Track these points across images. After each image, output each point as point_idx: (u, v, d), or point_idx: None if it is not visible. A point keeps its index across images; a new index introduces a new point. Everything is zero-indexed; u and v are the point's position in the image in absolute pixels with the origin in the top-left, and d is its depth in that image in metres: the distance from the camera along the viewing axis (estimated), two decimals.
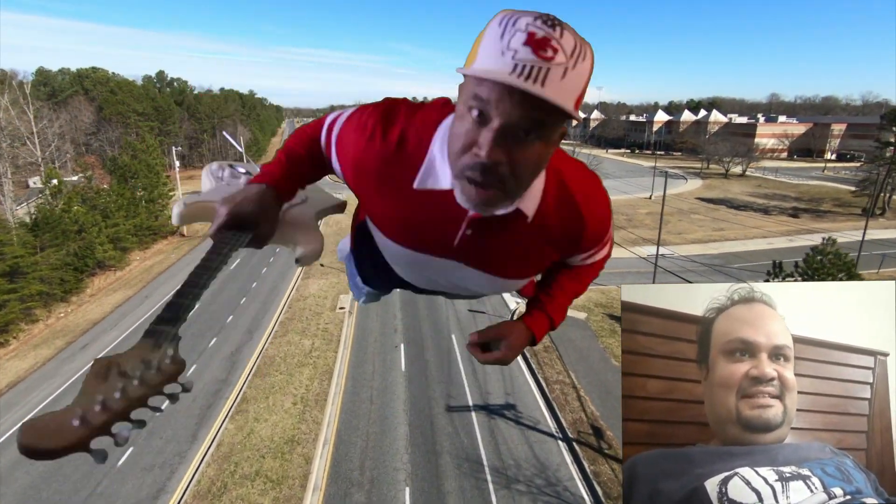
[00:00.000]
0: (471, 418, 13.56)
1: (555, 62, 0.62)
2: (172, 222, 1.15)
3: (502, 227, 0.84)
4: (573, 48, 0.63)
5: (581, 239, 0.91)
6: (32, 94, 46.97)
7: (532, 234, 0.86)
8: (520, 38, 0.62)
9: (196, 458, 12.20)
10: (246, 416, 13.86)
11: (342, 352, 17.52)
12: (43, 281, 22.55)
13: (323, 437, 12.92)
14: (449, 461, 11.97)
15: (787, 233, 34.14)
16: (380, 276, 1.22)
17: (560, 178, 0.84)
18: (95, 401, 0.47)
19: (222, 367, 16.55)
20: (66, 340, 19.55)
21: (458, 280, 0.99)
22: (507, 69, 0.62)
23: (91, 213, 27.72)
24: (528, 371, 15.84)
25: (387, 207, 0.90)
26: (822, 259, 15.61)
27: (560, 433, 12.81)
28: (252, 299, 22.29)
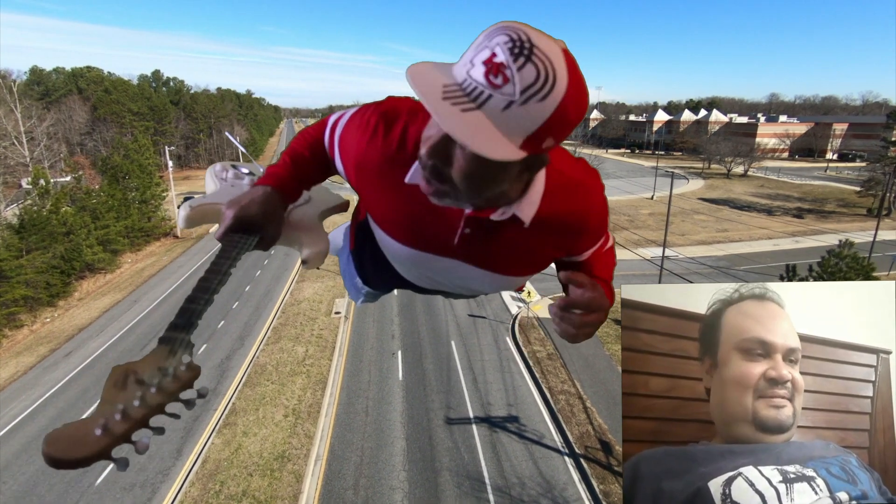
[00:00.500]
0: (471, 431, 12.85)
1: (500, 91, 0.58)
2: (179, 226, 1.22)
3: (500, 228, 0.84)
4: (530, 84, 0.58)
5: (583, 234, 0.91)
6: (26, 94, 46.29)
7: (532, 234, 0.85)
8: (483, 55, 0.60)
9: (180, 476, 11.46)
10: (234, 429, 13.12)
11: (337, 359, 16.80)
12: (28, 285, 21.79)
13: (315, 453, 12.20)
14: (449, 479, 11.26)
15: (792, 234, 33.53)
16: (381, 275, 1.21)
17: (561, 180, 0.83)
18: (116, 409, 0.49)
19: (212, 376, 15.80)
20: (49, 347, 18.79)
21: (460, 278, 0.99)
22: (439, 94, 0.60)
23: (80, 214, 26.95)
24: (531, 380, 15.13)
25: (388, 206, 0.90)
26: (838, 262, 14.95)
27: (566, 448, 12.10)
28: (245, 304, 21.55)
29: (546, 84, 0.58)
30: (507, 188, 0.72)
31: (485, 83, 0.59)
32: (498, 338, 17.92)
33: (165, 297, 23.23)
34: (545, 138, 0.62)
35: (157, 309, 21.77)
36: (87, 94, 60.62)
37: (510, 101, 0.58)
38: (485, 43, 0.60)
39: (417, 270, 1.05)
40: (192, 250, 31.23)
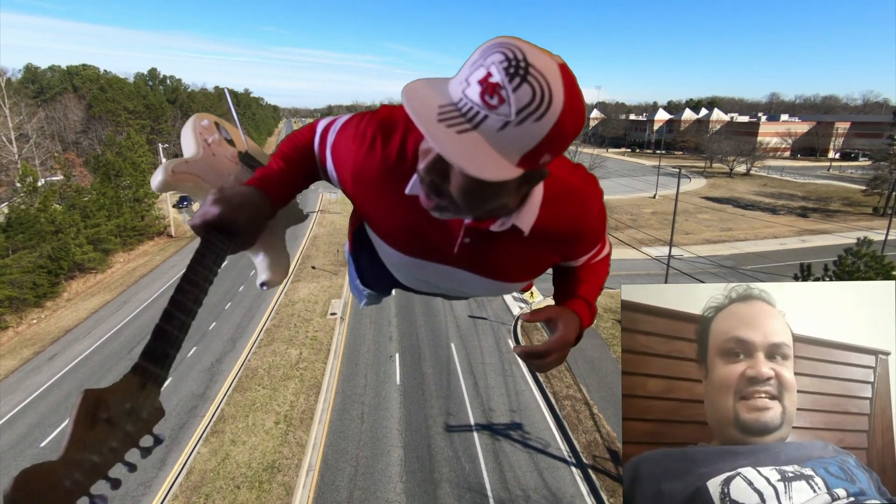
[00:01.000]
0: (472, 440, 12.18)
1: (496, 111, 0.58)
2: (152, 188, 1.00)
3: (500, 237, 0.84)
4: (526, 104, 0.57)
5: (581, 239, 0.92)
6: (20, 92, 45.51)
7: (531, 242, 0.86)
8: (479, 74, 0.59)
9: (163, 488, 10.78)
10: (222, 438, 12.43)
11: (332, 363, 16.11)
12: (13, 285, 21.08)
13: (307, 463, 11.52)
14: (449, 491, 10.59)
15: (798, 233, 32.94)
16: (379, 277, 1.20)
17: (559, 188, 0.83)
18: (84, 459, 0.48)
19: (200, 380, 15.13)
20: (34, 350, 18.10)
21: (459, 284, 0.99)
22: (435, 116, 0.59)
23: (69, 212, 26.23)
24: (534, 384, 14.46)
25: (388, 216, 0.90)
26: (855, 261, 14.29)
27: (573, 458, 11.43)
28: (237, 304, 20.85)
29: (542, 104, 0.58)
30: (506, 201, 0.72)
31: (480, 103, 0.58)
32: (499, 340, 17.25)
33: (156, 297, 22.53)
34: (542, 155, 0.62)
35: (147, 310, 21.08)
36: (82, 93, 59.92)
37: (506, 122, 0.58)
38: (480, 61, 0.59)
39: (416, 277, 1.04)
40: (186, 249, 30.51)
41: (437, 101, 0.61)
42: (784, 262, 25.29)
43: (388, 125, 0.84)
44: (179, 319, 0.62)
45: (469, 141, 0.58)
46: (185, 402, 13.90)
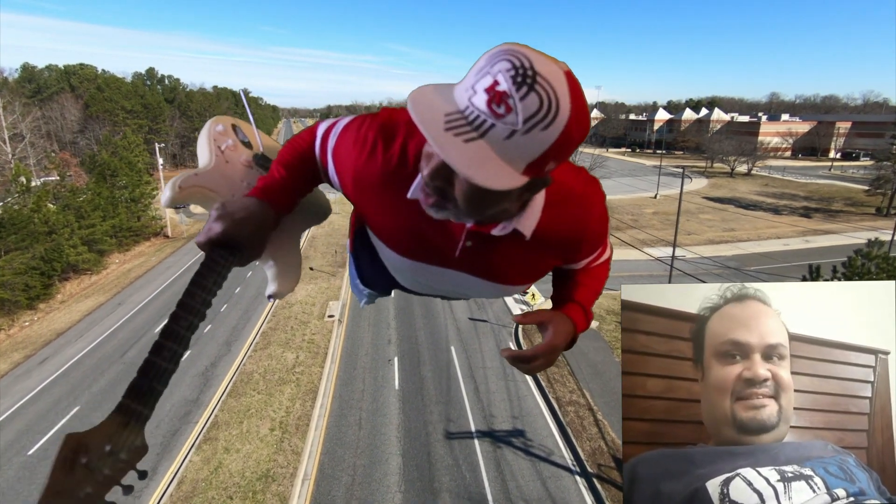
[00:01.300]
0: (473, 447, 11.81)
1: (503, 120, 0.58)
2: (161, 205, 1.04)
3: (502, 241, 0.84)
4: (533, 114, 0.57)
5: (583, 243, 0.91)
6: (16, 91, 45.14)
7: (533, 246, 0.86)
8: (486, 82, 0.58)
9: (152, 498, 10.41)
10: (215, 445, 12.06)
11: (329, 367, 15.74)
12: (5, 287, 20.69)
13: (303, 472, 11.15)
14: (449, 502, 10.23)
15: (801, 233, 32.58)
16: (379, 278, 1.20)
17: (561, 191, 0.82)
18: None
19: (194, 385, 14.76)
20: (24, 353, 17.71)
21: (461, 287, 0.99)
22: (441, 125, 0.59)
23: (63, 212, 25.84)
24: (536, 390, 14.09)
25: (389, 220, 0.90)
26: (865, 262, 13.93)
27: (577, 466, 11.07)
28: (233, 306, 20.48)
29: (549, 113, 0.58)
30: (508, 206, 0.73)
31: (487, 112, 0.58)
32: (500, 343, 16.88)
33: (151, 299, 22.16)
34: (548, 163, 0.62)
35: (141, 312, 20.70)
36: (79, 92, 59.51)
37: (513, 131, 0.58)
38: (486, 68, 0.59)
39: (417, 279, 1.04)
40: (183, 250, 30.12)
41: (443, 108, 0.60)
42: (788, 263, 24.96)
43: (389, 129, 0.83)
44: (171, 350, 0.62)
45: (476, 150, 0.58)
46: (178, 408, 13.53)
